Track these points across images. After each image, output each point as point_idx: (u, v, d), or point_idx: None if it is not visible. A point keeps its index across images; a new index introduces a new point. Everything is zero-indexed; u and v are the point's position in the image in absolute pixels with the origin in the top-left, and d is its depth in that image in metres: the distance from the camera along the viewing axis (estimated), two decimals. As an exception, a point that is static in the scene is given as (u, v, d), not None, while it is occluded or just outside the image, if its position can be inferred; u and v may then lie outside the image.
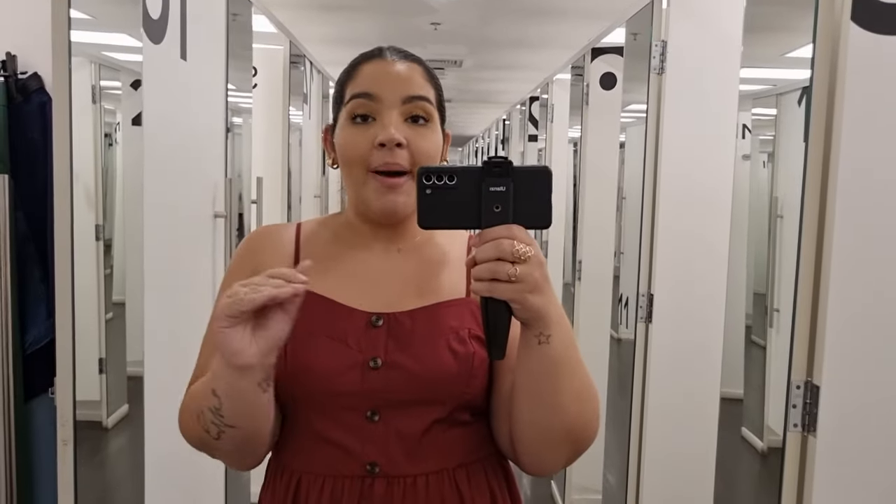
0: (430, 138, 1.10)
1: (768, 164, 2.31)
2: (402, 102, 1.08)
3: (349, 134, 1.09)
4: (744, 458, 2.32)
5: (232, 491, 2.60)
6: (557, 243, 4.43)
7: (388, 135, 1.05)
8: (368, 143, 1.07)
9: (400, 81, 1.09)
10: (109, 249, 2.11)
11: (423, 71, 1.13)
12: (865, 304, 1.45)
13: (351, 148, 1.08)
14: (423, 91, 1.11)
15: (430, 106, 1.11)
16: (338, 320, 1.06)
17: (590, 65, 3.53)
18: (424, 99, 1.10)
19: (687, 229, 2.43)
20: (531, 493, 4.05)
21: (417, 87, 1.10)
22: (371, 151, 1.07)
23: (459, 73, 8.97)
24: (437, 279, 1.12)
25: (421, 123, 1.09)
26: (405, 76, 1.10)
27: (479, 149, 12.60)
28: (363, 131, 1.08)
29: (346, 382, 1.03)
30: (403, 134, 1.07)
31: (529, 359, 0.96)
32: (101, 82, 2.05)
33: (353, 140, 1.08)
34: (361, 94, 1.09)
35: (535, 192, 0.89)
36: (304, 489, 1.07)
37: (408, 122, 1.09)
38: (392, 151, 1.06)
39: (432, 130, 1.11)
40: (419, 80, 1.11)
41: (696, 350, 2.44)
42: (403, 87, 1.09)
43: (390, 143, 1.06)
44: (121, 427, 1.98)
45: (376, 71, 1.10)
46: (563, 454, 1.03)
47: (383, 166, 1.06)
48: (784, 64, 2.10)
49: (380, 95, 1.08)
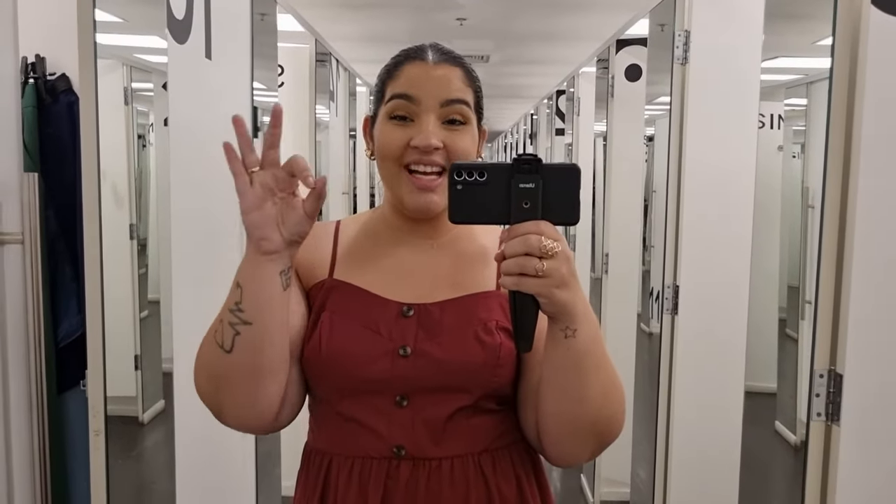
0: (466, 139, 1.13)
1: (801, 155, 2.29)
2: (440, 106, 1.11)
3: (388, 131, 1.12)
4: (777, 452, 2.31)
5: (263, 485, 2.64)
6: (585, 238, 4.42)
7: (425, 140, 1.09)
8: (404, 143, 1.10)
9: (439, 85, 1.12)
10: (144, 249, 2.16)
11: (462, 74, 1.15)
12: (889, 292, 1.44)
13: (388, 145, 1.12)
14: (462, 94, 1.13)
15: (468, 109, 1.13)
16: (371, 310, 1.11)
17: (615, 57, 3.51)
18: (462, 102, 1.12)
19: (712, 220, 2.42)
20: (561, 486, 4.05)
21: (456, 91, 1.12)
22: (406, 150, 1.10)
23: (486, 69, 8.96)
24: (468, 272, 1.15)
25: (457, 126, 1.12)
26: (445, 80, 1.12)
27: (507, 144, 12.58)
28: (400, 130, 1.11)
29: (376, 369, 1.08)
30: (440, 137, 1.10)
31: (556, 352, 0.98)
32: (132, 84, 2.09)
33: (390, 138, 1.12)
34: (401, 95, 1.12)
35: (564, 189, 0.91)
36: (334, 470, 1.11)
37: (444, 125, 1.11)
38: (429, 154, 1.10)
39: (469, 133, 1.14)
40: (458, 84, 1.13)
41: (723, 342, 2.42)
42: (442, 91, 1.11)
43: (428, 149, 1.09)
44: (157, 422, 2.03)
45: (417, 73, 1.13)
46: (589, 446, 1.05)
47: (417, 162, 1.10)
48: (815, 52, 2.08)
49: (419, 98, 1.11)
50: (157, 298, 2.13)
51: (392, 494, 1.08)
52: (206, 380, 1.07)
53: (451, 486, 1.09)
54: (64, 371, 1.70)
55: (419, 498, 1.08)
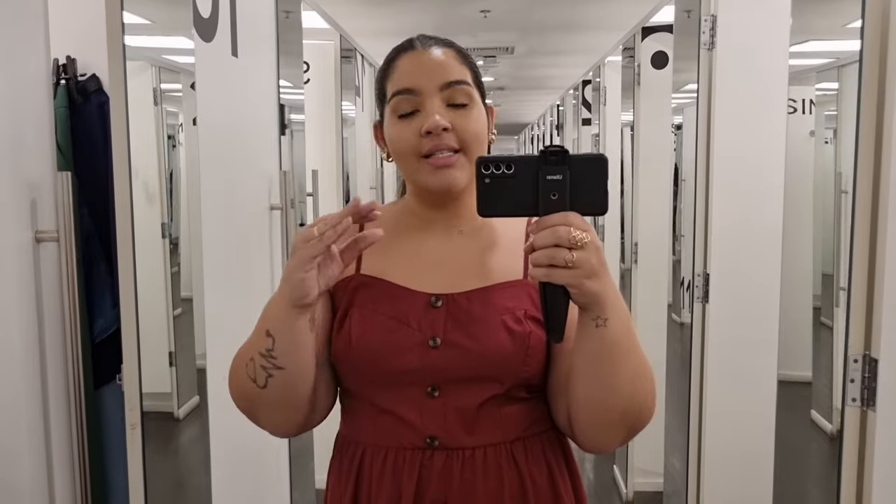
0: (475, 118, 1.13)
1: (833, 140, 2.26)
2: (440, 90, 1.11)
3: (397, 129, 1.13)
4: (813, 441, 2.29)
5: (298, 479, 2.66)
6: (614, 228, 4.40)
7: (433, 122, 1.09)
8: (416, 134, 1.11)
9: (436, 70, 1.12)
10: (177, 248, 2.19)
11: (455, 53, 1.16)
12: (924, 275, 1.41)
13: (401, 141, 1.12)
14: (460, 75, 1.13)
15: (470, 87, 1.14)
16: (400, 302, 1.11)
17: (640, 44, 3.49)
18: (462, 82, 1.13)
19: (742, 207, 2.40)
20: (594, 477, 4.04)
21: (453, 72, 1.13)
22: (420, 140, 1.10)
23: (511, 60, 8.95)
24: (495, 261, 1.15)
25: (463, 107, 1.12)
26: (439, 63, 1.13)
27: (534, 136, 12.53)
28: (409, 124, 1.12)
29: (407, 361, 1.08)
30: (448, 119, 1.10)
31: (587, 342, 0.99)
32: (161, 85, 2.12)
33: (401, 134, 1.12)
34: (401, 90, 1.12)
35: (591, 179, 0.91)
36: (367, 461, 1.12)
37: (450, 108, 1.12)
38: (440, 136, 1.10)
39: (476, 111, 1.14)
40: (454, 65, 1.14)
41: (755, 330, 2.40)
42: (440, 75, 1.12)
43: (436, 130, 1.09)
44: (192, 418, 2.05)
45: (411, 64, 1.14)
46: (619, 434, 1.06)
47: (433, 149, 1.10)
48: (846, 35, 2.04)
49: (419, 88, 1.11)
50: (190, 296, 2.16)
51: (426, 484, 1.09)
52: (240, 399, 1.11)
53: (485, 474, 1.09)
54: (100, 366, 1.73)
55: (453, 487, 1.09)
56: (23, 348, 1.43)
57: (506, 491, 1.10)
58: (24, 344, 1.44)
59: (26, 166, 1.44)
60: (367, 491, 1.12)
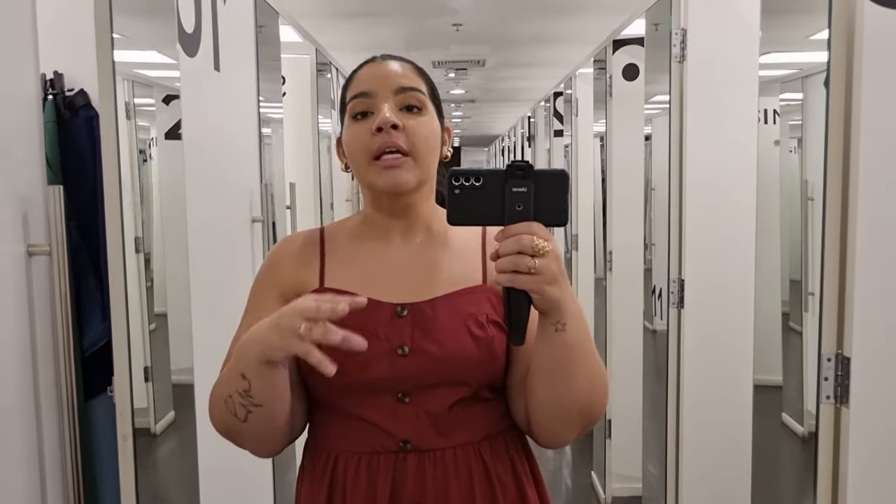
0: (426, 124, 1.18)
1: (798, 149, 2.32)
2: (394, 94, 1.17)
3: (352, 131, 1.18)
4: (785, 443, 2.33)
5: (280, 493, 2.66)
6: (588, 237, 4.45)
7: (383, 118, 1.14)
8: (368, 133, 1.15)
9: (391, 76, 1.18)
10: (149, 263, 2.19)
11: (412, 67, 1.22)
12: (894, 274, 1.47)
13: (354, 142, 1.17)
14: (414, 83, 1.19)
15: (423, 95, 1.19)
16: (366, 313, 1.11)
17: (612, 57, 3.56)
18: (415, 89, 1.19)
19: (715, 215, 2.46)
20: (572, 483, 4.08)
21: (408, 80, 1.19)
22: (371, 140, 1.15)
23: (483, 73, 9.01)
24: (455, 267, 1.20)
25: (415, 112, 1.18)
26: (395, 71, 1.19)
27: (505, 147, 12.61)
28: (363, 125, 1.17)
29: (377, 371, 1.12)
30: (399, 119, 1.15)
31: (547, 345, 1.05)
32: (135, 99, 2.13)
33: (354, 135, 1.17)
34: (358, 94, 1.18)
35: (554, 193, 0.98)
36: (341, 466, 1.16)
37: (403, 111, 1.17)
38: (389, 134, 1.14)
39: (428, 118, 1.19)
40: (410, 74, 1.20)
41: (729, 336, 2.46)
42: (395, 80, 1.18)
43: (386, 125, 1.14)
44: (169, 433, 2.05)
45: (370, 72, 1.20)
46: (576, 429, 1.13)
47: (383, 147, 1.14)
48: (809, 47, 2.11)
49: (374, 91, 1.17)
50: (164, 311, 2.16)
51: (401, 487, 1.12)
52: (222, 431, 1.14)
53: (456, 474, 1.14)
54: (90, 379, 1.73)
55: (427, 488, 1.13)
56: (16, 361, 1.44)
57: (476, 490, 1.14)
58: (18, 356, 1.44)
59: (17, 181, 1.45)
60: (342, 496, 1.15)
